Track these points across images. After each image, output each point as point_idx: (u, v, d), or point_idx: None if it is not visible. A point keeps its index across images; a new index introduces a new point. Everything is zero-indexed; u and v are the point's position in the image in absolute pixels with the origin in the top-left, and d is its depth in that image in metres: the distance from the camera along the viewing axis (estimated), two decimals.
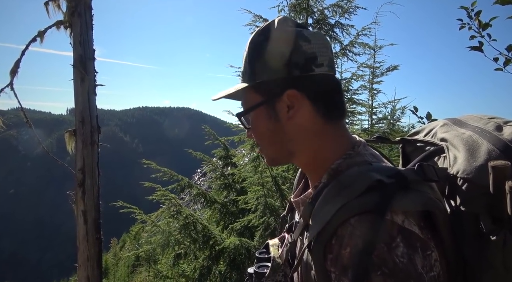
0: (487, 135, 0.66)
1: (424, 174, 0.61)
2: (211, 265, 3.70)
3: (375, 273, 0.53)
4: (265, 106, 0.71)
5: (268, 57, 0.69)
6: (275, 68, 0.69)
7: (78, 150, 2.44)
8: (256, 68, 0.71)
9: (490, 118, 0.72)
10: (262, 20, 4.57)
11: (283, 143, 0.72)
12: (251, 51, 0.72)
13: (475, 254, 0.58)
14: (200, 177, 11.81)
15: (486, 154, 0.62)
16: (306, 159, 0.74)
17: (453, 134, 0.72)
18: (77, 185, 2.45)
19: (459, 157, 0.65)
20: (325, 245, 0.58)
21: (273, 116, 0.71)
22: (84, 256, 2.41)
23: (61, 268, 42.06)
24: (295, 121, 0.70)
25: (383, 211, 0.55)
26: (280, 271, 0.75)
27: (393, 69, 6.38)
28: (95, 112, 2.49)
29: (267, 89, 0.71)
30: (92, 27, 2.48)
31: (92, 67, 2.47)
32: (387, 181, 0.58)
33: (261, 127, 0.73)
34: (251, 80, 0.71)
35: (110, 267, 12.35)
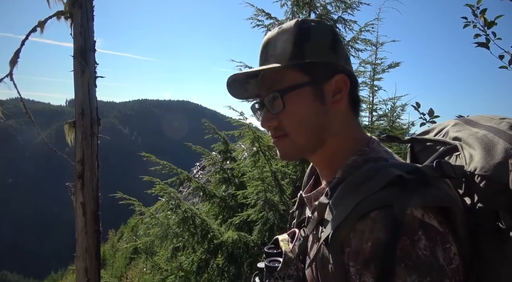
0: (502, 134, 0.67)
1: (443, 171, 0.62)
2: (209, 259, 3.72)
3: (399, 266, 0.54)
4: (312, 87, 0.71)
5: (318, 41, 0.71)
6: (324, 51, 0.71)
7: (77, 142, 2.44)
8: (304, 49, 0.71)
9: (501, 119, 0.73)
10: (265, 14, 4.53)
11: (322, 129, 0.72)
12: (297, 34, 0.72)
13: (492, 250, 0.59)
14: (199, 171, 11.82)
15: (503, 152, 0.63)
16: (330, 152, 0.74)
17: (467, 133, 0.73)
18: (76, 177, 2.45)
19: (475, 155, 0.66)
20: (343, 239, 0.59)
21: (319, 98, 0.71)
22: (82, 247, 2.42)
23: (59, 257, 42.33)
24: (337, 108, 0.72)
25: (404, 205, 0.56)
26: (292, 265, 0.75)
27: (394, 66, 6.34)
28: (95, 104, 2.48)
29: (317, 70, 0.71)
30: (93, 18, 2.45)
31: (92, 59, 2.45)
32: (407, 176, 0.59)
33: (303, 109, 0.71)
34: (296, 60, 0.70)
35: (108, 258, 12.43)
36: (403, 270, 0.53)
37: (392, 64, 6.27)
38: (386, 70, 6.35)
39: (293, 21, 0.74)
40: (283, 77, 0.72)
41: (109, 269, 11.12)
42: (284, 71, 0.71)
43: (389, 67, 6.31)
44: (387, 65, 6.35)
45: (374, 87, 6.37)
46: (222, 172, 4.55)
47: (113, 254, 12.59)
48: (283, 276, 0.73)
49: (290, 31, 0.73)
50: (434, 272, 0.53)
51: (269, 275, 0.75)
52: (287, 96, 0.70)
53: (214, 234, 3.71)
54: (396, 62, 6.27)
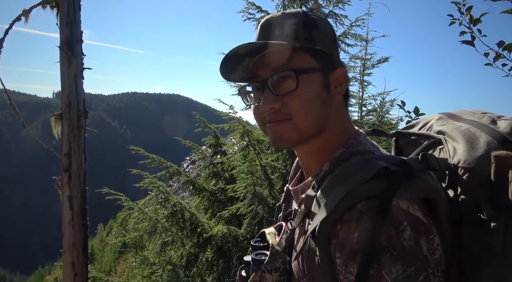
0: (484, 128, 0.69)
1: (428, 163, 0.64)
2: (198, 253, 3.72)
3: (384, 256, 0.55)
4: (321, 74, 0.72)
5: (324, 32, 0.73)
6: (330, 43, 0.73)
7: (64, 135, 2.39)
8: (315, 36, 0.71)
9: (483, 113, 0.75)
10: (255, 7, 4.50)
11: (325, 117, 0.73)
12: (306, 21, 0.72)
13: (474, 241, 0.60)
14: (189, 164, 11.77)
15: (486, 144, 0.65)
16: (321, 142, 0.75)
17: (451, 127, 0.75)
18: (63, 170, 2.41)
19: (459, 148, 0.68)
20: (330, 231, 0.60)
21: (326, 86, 0.72)
22: (69, 241, 2.39)
23: (47, 251, 41.83)
24: (338, 98, 0.74)
25: (390, 196, 0.57)
26: (279, 258, 0.75)
27: (384, 61, 6.38)
28: (82, 96, 2.43)
29: (326, 59, 0.73)
30: (80, 8, 2.39)
31: (79, 50, 2.40)
32: (393, 168, 0.60)
33: (313, 93, 0.70)
34: (309, 44, 0.70)
35: (96, 252, 12.35)
36: (388, 260, 0.55)
37: (381, 59, 6.31)
38: (376, 66, 6.39)
39: (296, 9, 0.76)
40: (293, 58, 0.69)
41: (97, 263, 11.05)
42: (296, 52, 0.69)
43: (378, 62, 6.35)
44: (376, 60, 6.40)
45: (364, 82, 6.41)
46: (212, 166, 4.54)
47: (102, 249, 12.51)
48: (270, 269, 0.74)
49: (299, 15, 0.73)
50: (418, 262, 0.55)
51: (256, 268, 0.75)
52: (301, 77, 0.68)
53: (204, 228, 3.71)
54: (385, 57, 6.32)
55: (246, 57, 0.71)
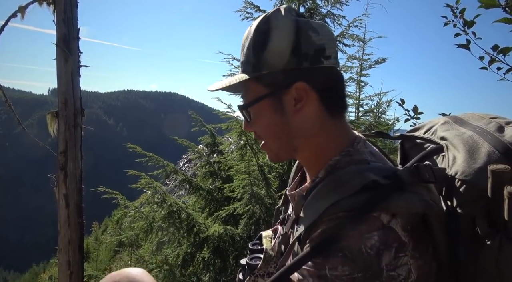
0: (488, 137, 0.64)
1: (420, 176, 0.60)
2: (195, 252, 3.72)
3: (336, 254, 0.54)
4: (271, 98, 0.68)
5: (276, 47, 0.66)
6: (283, 58, 0.66)
7: (60, 132, 2.37)
8: (262, 58, 0.67)
9: (492, 118, 0.70)
10: (253, 7, 4.49)
11: (289, 138, 0.70)
12: (257, 40, 0.68)
13: (469, 257, 0.58)
14: (185, 163, 11.75)
15: (486, 156, 0.61)
16: (308, 154, 0.73)
17: (454, 134, 0.70)
18: (59, 168, 2.39)
19: (459, 157, 0.64)
20: (312, 237, 0.59)
21: (279, 109, 0.69)
22: (65, 240, 2.37)
23: (41, 249, 41.58)
24: (301, 115, 0.68)
25: (369, 209, 0.55)
26: (272, 263, 0.75)
27: (381, 62, 6.41)
28: (79, 94, 2.41)
29: (274, 81, 0.68)
30: (76, 5, 2.37)
31: (76, 47, 2.38)
32: (383, 181, 0.58)
33: (266, 121, 0.70)
34: (256, 71, 0.68)
35: (92, 250, 12.28)
36: (338, 259, 0.54)
37: (378, 60, 6.33)
38: (373, 66, 6.41)
39: (257, 20, 0.70)
40: (247, 89, 0.71)
41: (93, 262, 11.00)
42: (248, 83, 0.70)
43: (375, 63, 6.37)
44: (373, 61, 6.42)
45: (361, 83, 6.43)
46: (209, 165, 4.53)
47: (97, 247, 12.45)
48: (262, 274, 0.74)
49: (251, 37, 0.70)
50: (369, 271, 0.53)
51: (250, 273, 0.75)
52: (251, 109, 0.71)
53: (200, 228, 3.70)
54: (383, 58, 6.34)
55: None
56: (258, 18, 0.72)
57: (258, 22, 0.70)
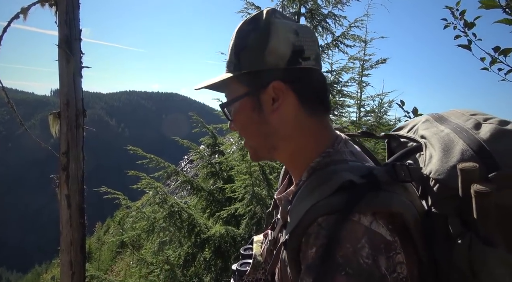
0: (464, 134, 0.64)
1: (397, 175, 0.60)
2: (196, 253, 3.72)
3: (339, 273, 0.53)
4: (250, 97, 0.70)
5: (254, 48, 0.68)
6: (261, 59, 0.67)
7: (62, 133, 2.38)
8: (242, 58, 0.69)
9: (472, 115, 0.69)
10: (254, 8, 4.50)
11: (266, 136, 0.71)
12: (238, 41, 0.70)
13: (444, 256, 0.57)
14: (187, 164, 11.76)
15: (459, 154, 0.61)
16: (288, 155, 0.73)
17: (432, 132, 0.70)
18: (60, 169, 2.40)
19: (434, 156, 0.64)
20: (298, 243, 0.59)
21: (257, 108, 0.70)
22: (67, 240, 2.38)
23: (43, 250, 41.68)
24: (279, 114, 0.69)
25: (349, 211, 0.55)
26: (260, 269, 0.74)
27: (382, 62, 6.41)
28: (81, 95, 2.42)
29: (252, 80, 0.69)
30: (78, 6, 2.39)
31: (78, 48, 2.39)
32: (358, 181, 0.58)
33: (244, 119, 0.72)
34: (236, 71, 0.70)
35: (94, 251, 12.31)
36: (343, 278, 0.52)
37: (379, 61, 6.33)
38: (374, 66, 6.41)
39: (244, 20, 0.72)
40: (228, 88, 0.73)
41: (95, 262, 11.02)
42: (229, 82, 0.72)
43: (377, 63, 6.38)
44: (375, 61, 6.42)
45: (362, 83, 6.43)
46: (210, 166, 4.54)
47: (99, 247, 12.48)
48: (251, 280, 0.74)
49: (234, 36, 0.72)
50: (374, 281, 0.53)
51: (239, 279, 0.75)
52: (231, 108, 0.73)
53: (201, 229, 3.71)
54: (384, 58, 6.35)
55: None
56: (243, 19, 0.74)
57: (241, 24, 0.72)
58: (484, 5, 1.41)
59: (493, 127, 0.63)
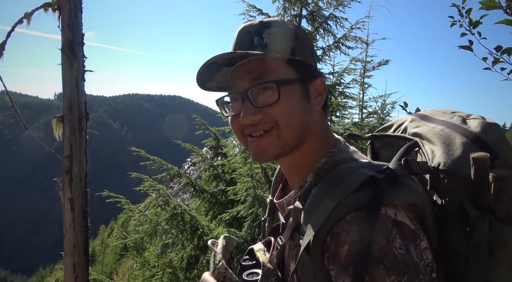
0: (457, 129, 0.69)
1: (410, 168, 0.64)
2: (199, 255, 3.72)
3: (378, 267, 0.54)
4: (300, 85, 0.71)
5: (303, 42, 0.73)
6: (309, 55, 0.73)
7: (65, 137, 2.40)
8: (294, 46, 0.71)
9: (452, 113, 0.75)
10: (256, 10, 4.51)
11: (306, 127, 0.71)
12: (286, 31, 0.72)
13: (461, 241, 0.61)
14: (190, 166, 11.77)
15: (462, 146, 0.66)
16: (304, 152, 0.73)
17: (426, 129, 0.75)
18: (64, 172, 2.41)
19: (436, 150, 0.68)
20: (322, 244, 0.59)
21: (306, 97, 0.71)
22: (70, 243, 2.39)
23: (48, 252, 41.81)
24: (318, 108, 0.74)
25: (378, 205, 0.57)
26: (272, 276, 0.72)
27: (384, 63, 6.40)
28: (84, 99, 2.44)
29: (305, 70, 0.72)
30: (81, 11, 2.41)
31: (81, 52, 2.41)
32: (379, 176, 0.60)
33: (294, 104, 0.69)
34: (292, 54, 0.71)
35: (98, 254, 12.34)
36: (382, 271, 0.54)
37: (382, 62, 6.32)
38: (376, 68, 6.40)
39: (275, 18, 0.76)
40: (273, 69, 0.68)
41: (98, 265, 11.05)
42: (276, 63, 0.68)
43: (379, 65, 6.36)
44: (377, 63, 6.41)
45: (365, 85, 6.42)
46: (212, 168, 4.54)
47: (103, 250, 12.50)
48: None
49: (277, 25, 0.71)
50: (411, 269, 0.55)
51: None
52: (282, 89, 0.68)
53: (204, 231, 3.71)
54: (386, 60, 6.33)
55: (223, 66, 0.70)
56: (270, 18, 0.78)
57: (277, 19, 0.77)
58: (484, 6, 1.41)
59: (480, 121, 0.69)
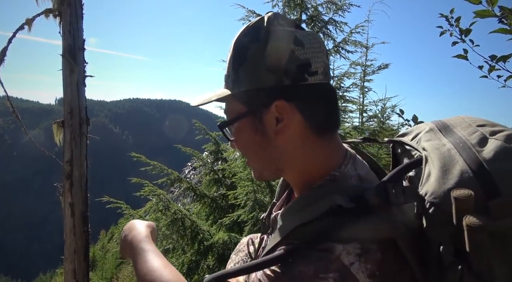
0: (466, 151, 0.56)
1: (388, 198, 0.55)
2: (200, 260, 3.71)
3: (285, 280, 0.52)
4: (251, 117, 0.63)
5: (254, 62, 0.61)
6: (262, 75, 0.60)
7: (66, 142, 2.40)
8: (241, 74, 0.62)
9: (479, 126, 0.60)
10: (256, 15, 4.53)
11: (271, 159, 0.65)
12: (236, 54, 0.63)
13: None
14: (190, 171, 11.77)
15: (458, 175, 0.53)
16: (294, 177, 0.68)
17: (433, 146, 0.62)
18: (64, 177, 2.41)
19: (432, 174, 0.57)
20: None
21: (259, 129, 0.63)
22: (71, 248, 2.38)
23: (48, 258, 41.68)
24: (284, 136, 0.63)
25: (323, 240, 0.53)
26: None
27: (384, 67, 6.43)
28: (84, 104, 2.44)
29: (253, 99, 0.62)
30: (82, 17, 2.42)
31: (81, 58, 2.42)
32: (347, 205, 0.54)
33: (246, 141, 0.66)
34: (235, 88, 0.63)
35: (98, 259, 12.29)
36: None
37: (381, 66, 6.35)
38: (376, 72, 6.43)
39: (243, 29, 0.65)
40: (228, 106, 0.67)
41: (99, 271, 11.00)
42: (231, 98, 0.65)
43: (379, 69, 6.39)
44: (377, 67, 6.44)
45: (365, 88, 6.44)
46: (213, 173, 4.54)
47: (103, 255, 12.46)
48: None
49: (232, 47, 0.65)
50: None
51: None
52: (232, 127, 0.67)
53: (204, 236, 3.70)
54: (386, 63, 6.36)
55: None
56: (242, 28, 0.66)
57: (239, 33, 0.65)
58: (478, 16, 1.41)
59: (498, 145, 0.54)
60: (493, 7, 1.37)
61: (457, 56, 1.75)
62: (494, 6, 1.36)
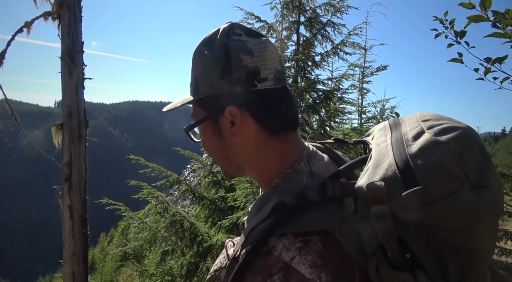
0: (398, 146, 0.58)
1: (325, 193, 0.57)
2: (199, 262, 3.71)
3: None
4: (209, 121, 0.70)
5: (210, 72, 0.67)
6: (216, 83, 0.67)
7: (65, 144, 2.41)
8: (199, 82, 0.69)
9: (424, 121, 0.61)
10: (254, 17, 4.55)
11: (230, 159, 0.72)
12: (196, 63, 0.70)
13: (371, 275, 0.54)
14: (190, 173, 11.77)
15: (384, 170, 0.56)
16: (255, 175, 0.73)
17: (376, 143, 0.64)
18: (63, 180, 2.41)
19: (368, 171, 0.59)
20: None
21: (217, 132, 0.70)
22: (69, 251, 2.38)
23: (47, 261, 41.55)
24: (238, 138, 0.68)
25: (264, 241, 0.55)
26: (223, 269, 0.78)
27: (382, 69, 6.45)
28: (83, 106, 2.45)
29: (210, 105, 0.69)
30: (81, 19, 2.43)
31: (80, 60, 2.43)
32: (289, 202, 0.58)
33: (207, 143, 0.73)
34: (196, 94, 0.70)
35: (98, 262, 12.26)
36: None
37: (380, 67, 6.37)
38: (375, 73, 6.44)
39: (202, 39, 0.71)
40: (192, 111, 0.74)
41: (98, 273, 10.97)
42: (193, 104, 0.73)
43: (377, 70, 6.41)
44: (375, 68, 6.46)
45: (363, 90, 6.46)
46: (212, 175, 4.55)
47: (102, 258, 12.43)
48: None
49: (192, 58, 0.72)
50: None
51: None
52: (196, 130, 0.75)
53: (203, 238, 3.70)
54: (384, 65, 6.38)
55: None
56: (202, 38, 0.72)
57: (199, 44, 0.71)
58: (472, 21, 1.42)
59: (426, 138, 0.55)
60: (486, 12, 1.38)
61: (452, 60, 1.75)
62: (487, 11, 1.38)
